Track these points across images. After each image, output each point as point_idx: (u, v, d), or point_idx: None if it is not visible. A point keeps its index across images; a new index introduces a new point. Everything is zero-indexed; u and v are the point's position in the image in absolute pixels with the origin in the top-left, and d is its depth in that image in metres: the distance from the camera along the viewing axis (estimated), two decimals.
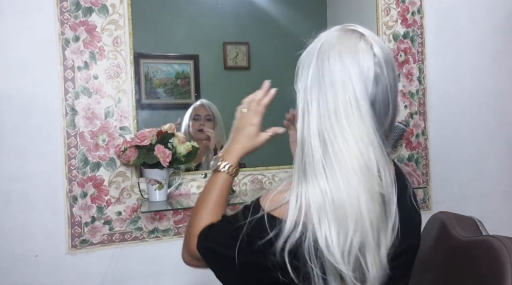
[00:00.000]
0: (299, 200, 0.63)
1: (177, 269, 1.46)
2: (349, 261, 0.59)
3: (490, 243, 0.74)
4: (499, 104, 1.91)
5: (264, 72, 1.76)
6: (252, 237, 0.66)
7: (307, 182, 0.64)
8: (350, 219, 0.59)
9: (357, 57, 0.66)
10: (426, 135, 1.79)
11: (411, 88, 1.75)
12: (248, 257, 0.68)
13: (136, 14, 1.41)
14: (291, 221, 0.62)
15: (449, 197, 1.81)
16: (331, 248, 0.59)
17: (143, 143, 1.28)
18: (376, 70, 0.66)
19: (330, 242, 0.59)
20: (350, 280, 0.60)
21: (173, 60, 1.67)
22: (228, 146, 0.83)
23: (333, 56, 0.66)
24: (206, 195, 0.81)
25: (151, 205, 1.33)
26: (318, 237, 0.60)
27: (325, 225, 0.60)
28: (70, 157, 1.33)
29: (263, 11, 1.78)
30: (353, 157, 0.62)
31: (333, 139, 0.63)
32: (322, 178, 0.62)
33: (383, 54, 0.67)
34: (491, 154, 1.90)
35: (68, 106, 1.33)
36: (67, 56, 1.33)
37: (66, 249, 1.34)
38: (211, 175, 0.83)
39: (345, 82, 0.65)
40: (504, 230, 0.98)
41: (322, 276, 0.61)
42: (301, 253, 0.61)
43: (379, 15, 1.70)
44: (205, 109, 1.65)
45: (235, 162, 0.81)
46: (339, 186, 0.61)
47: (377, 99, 0.66)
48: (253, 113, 0.80)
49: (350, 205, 0.60)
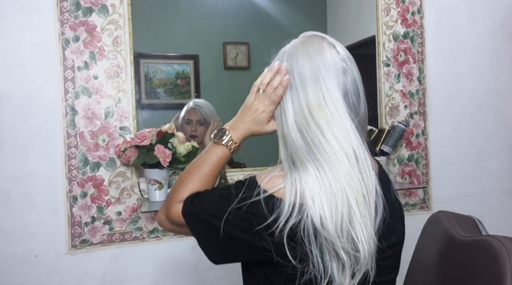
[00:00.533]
0: (294, 185, 0.67)
1: (177, 269, 1.47)
2: (342, 233, 0.63)
3: (489, 243, 0.74)
4: (499, 104, 1.91)
5: None
6: (247, 213, 0.67)
7: (298, 169, 0.68)
8: (337, 197, 0.64)
9: (323, 54, 0.72)
10: (426, 135, 1.79)
11: (411, 88, 1.75)
12: (233, 231, 0.68)
13: (136, 14, 1.41)
14: (289, 202, 0.65)
15: (449, 197, 1.81)
16: (325, 224, 0.63)
17: (143, 143, 1.28)
18: (342, 63, 0.73)
19: (324, 219, 0.63)
20: (345, 254, 0.64)
21: (173, 60, 1.67)
22: (235, 122, 0.79)
23: (301, 56, 0.73)
24: (201, 163, 0.79)
25: (151, 205, 1.33)
26: (313, 216, 0.64)
27: (318, 205, 0.64)
28: (70, 157, 1.33)
29: (263, 11, 1.78)
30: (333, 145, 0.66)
31: (309, 131, 0.68)
32: (310, 164, 0.67)
33: (345, 52, 0.75)
34: (491, 154, 1.90)
35: (68, 106, 1.33)
36: (67, 56, 1.33)
37: (66, 249, 1.34)
38: (211, 144, 0.80)
39: (315, 77, 0.71)
40: (504, 230, 0.98)
41: (319, 255, 0.64)
42: (298, 234, 0.64)
43: (379, 15, 1.70)
44: (196, 114, 1.62)
45: (239, 140, 0.78)
46: (325, 170, 0.66)
47: (348, 89, 0.72)
48: (268, 100, 0.75)
49: (336, 186, 0.65)
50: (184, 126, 1.61)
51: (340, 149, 0.66)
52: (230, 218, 0.68)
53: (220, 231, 0.68)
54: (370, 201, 0.66)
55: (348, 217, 0.64)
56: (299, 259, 0.65)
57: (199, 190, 0.76)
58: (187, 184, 0.77)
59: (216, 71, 1.76)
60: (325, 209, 0.63)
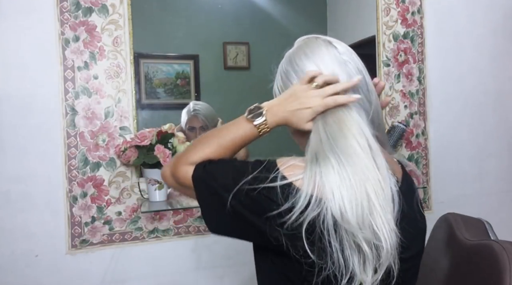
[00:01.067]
0: (313, 178, 0.63)
1: (177, 269, 1.47)
2: (363, 224, 0.61)
3: (491, 247, 0.74)
4: (499, 104, 1.91)
5: (264, 72, 1.75)
6: (260, 194, 0.64)
7: (319, 163, 0.65)
8: (357, 190, 0.62)
9: (321, 51, 0.73)
10: (426, 135, 1.79)
11: (411, 88, 1.75)
12: (242, 209, 0.65)
13: (136, 14, 1.41)
14: (306, 194, 0.62)
15: (449, 197, 1.81)
16: (345, 217, 0.60)
17: (143, 143, 1.28)
18: (342, 56, 0.72)
19: (344, 212, 0.60)
20: (368, 246, 0.61)
21: (173, 60, 1.67)
22: (276, 105, 0.73)
23: (299, 58, 0.74)
24: (226, 133, 0.74)
25: (151, 205, 1.33)
26: (333, 209, 0.61)
27: (338, 197, 0.61)
28: (70, 157, 1.33)
29: (263, 11, 1.78)
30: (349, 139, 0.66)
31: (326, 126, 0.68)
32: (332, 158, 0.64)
33: (342, 45, 0.74)
34: (491, 154, 1.90)
35: (68, 106, 1.33)
36: (67, 56, 1.33)
37: (66, 249, 1.34)
38: (242, 117, 0.74)
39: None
40: (504, 230, 0.98)
41: (340, 250, 0.61)
42: (317, 229, 0.61)
43: (379, 15, 1.70)
44: (198, 120, 1.61)
45: (272, 126, 0.73)
46: (343, 164, 0.63)
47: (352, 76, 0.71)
48: (321, 100, 0.69)
49: (355, 178, 0.63)
50: (187, 132, 1.60)
51: (355, 142, 0.65)
52: (241, 195, 0.65)
53: (228, 204, 0.65)
54: (386, 192, 0.64)
55: (368, 209, 0.61)
56: (317, 254, 0.62)
57: (214, 158, 0.72)
58: (204, 148, 0.73)
59: (216, 71, 1.76)
60: (345, 202, 0.61)
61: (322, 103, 0.69)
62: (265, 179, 0.64)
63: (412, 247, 0.71)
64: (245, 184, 0.65)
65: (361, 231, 0.60)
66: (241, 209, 0.65)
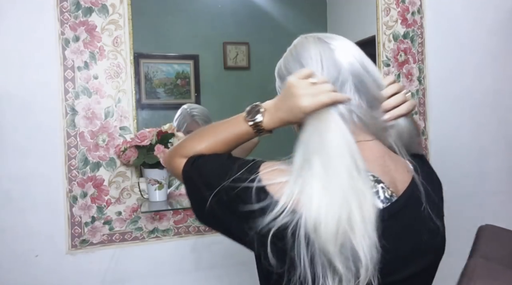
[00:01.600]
0: (295, 185, 0.60)
1: (177, 269, 1.47)
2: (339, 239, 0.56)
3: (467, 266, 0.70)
4: (499, 104, 1.91)
5: (264, 72, 1.75)
6: (237, 195, 0.63)
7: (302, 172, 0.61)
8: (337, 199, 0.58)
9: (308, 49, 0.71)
10: (426, 135, 1.79)
11: (411, 88, 1.75)
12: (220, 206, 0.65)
13: (136, 14, 1.41)
14: (281, 200, 0.59)
15: (449, 197, 1.80)
16: (319, 229, 0.56)
17: (143, 143, 1.28)
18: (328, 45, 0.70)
19: (318, 224, 0.56)
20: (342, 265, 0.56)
21: (173, 60, 1.67)
22: (273, 105, 0.71)
23: (291, 61, 0.73)
24: (223, 129, 0.73)
25: (151, 205, 1.33)
26: (307, 221, 0.57)
27: (316, 209, 0.57)
28: (70, 157, 1.33)
29: (263, 11, 1.78)
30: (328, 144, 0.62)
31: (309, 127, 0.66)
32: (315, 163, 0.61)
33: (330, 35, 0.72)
34: (491, 154, 1.90)
35: (68, 106, 1.33)
36: (67, 56, 1.33)
37: (66, 249, 1.34)
38: (239, 115, 0.72)
39: None
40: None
41: (309, 264, 0.57)
42: (288, 237, 0.58)
43: (379, 15, 1.70)
44: (198, 124, 1.61)
45: (270, 126, 0.70)
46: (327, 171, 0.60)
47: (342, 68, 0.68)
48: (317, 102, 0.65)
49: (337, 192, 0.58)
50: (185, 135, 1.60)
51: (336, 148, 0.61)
52: (221, 194, 0.65)
53: (208, 202, 0.65)
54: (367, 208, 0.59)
55: (348, 222, 0.57)
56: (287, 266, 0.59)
57: (206, 153, 0.72)
58: (199, 142, 0.73)
59: (216, 71, 1.76)
60: (321, 214, 0.57)
61: (319, 101, 0.66)
62: (244, 180, 0.63)
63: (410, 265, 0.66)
64: (226, 183, 0.64)
65: (334, 247, 0.56)
66: (219, 207, 0.66)
